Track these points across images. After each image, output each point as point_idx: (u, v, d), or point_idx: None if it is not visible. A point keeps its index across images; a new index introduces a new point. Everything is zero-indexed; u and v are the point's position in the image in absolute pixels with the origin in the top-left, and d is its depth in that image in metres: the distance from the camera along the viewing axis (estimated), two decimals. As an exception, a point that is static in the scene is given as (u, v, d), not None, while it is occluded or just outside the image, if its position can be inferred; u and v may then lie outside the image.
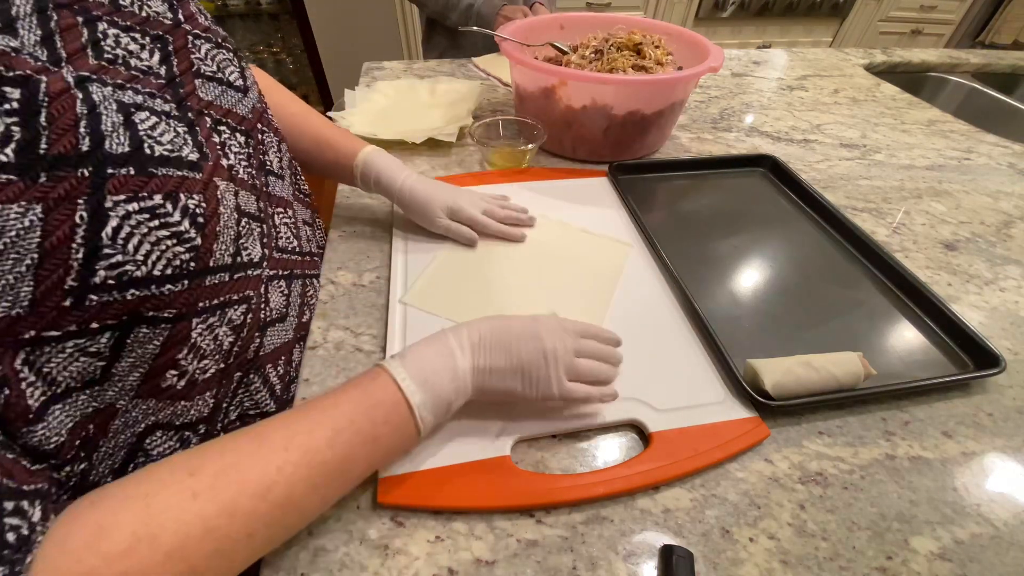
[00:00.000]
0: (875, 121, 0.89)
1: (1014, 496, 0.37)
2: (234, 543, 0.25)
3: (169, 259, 0.27)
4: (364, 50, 1.93)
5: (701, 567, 0.32)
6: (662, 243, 0.54)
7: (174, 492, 0.24)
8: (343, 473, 0.30)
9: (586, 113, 0.66)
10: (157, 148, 0.27)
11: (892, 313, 0.51)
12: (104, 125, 0.25)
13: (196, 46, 0.34)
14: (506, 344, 0.35)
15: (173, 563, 0.23)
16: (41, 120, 0.22)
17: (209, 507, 0.25)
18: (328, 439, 0.29)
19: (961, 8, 2.26)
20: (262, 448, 0.27)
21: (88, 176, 0.24)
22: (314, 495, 0.29)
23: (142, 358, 0.28)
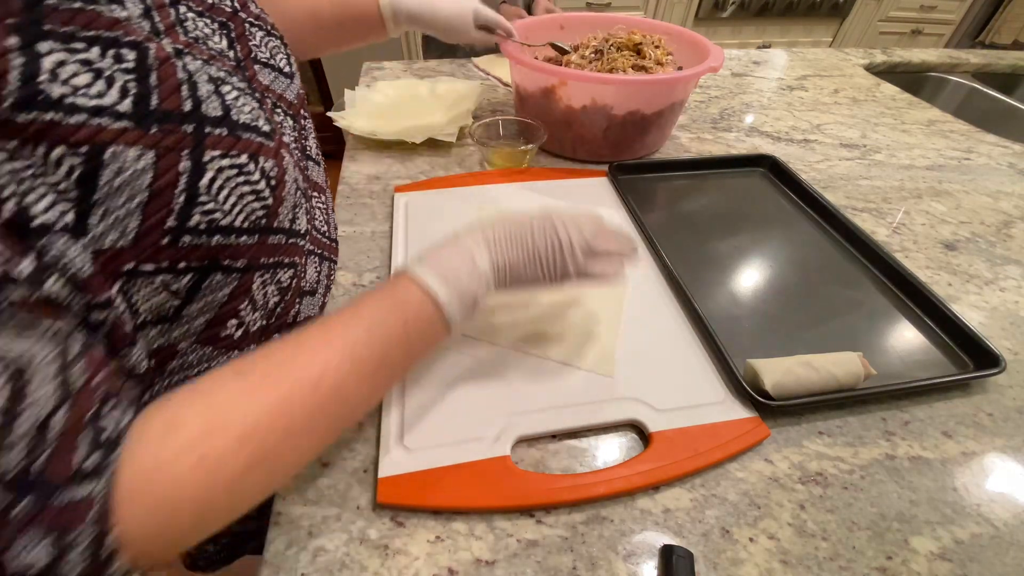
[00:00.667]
0: (875, 121, 0.89)
1: (1014, 496, 0.37)
2: (298, 430, 0.27)
3: (247, 213, 0.30)
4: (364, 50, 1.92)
5: (701, 567, 0.32)
6: (662, 243, 0.54)
7: (232, 390, 0.27)
8: (384, 367, 0.31)
9: (586, 113, 0.66)
10: (241, 116, 0.30)
11: (892, 313, 0.51)
12: (200, 91, 0.28)
13: (252, 33, 0.37)
14: (522, 239, 0.36)
15: (245, 446, 0.25)
16: (152, 80, 0.26)
17: (268, 398, 0.27)
18: (365, 338, 0.30)
19: (961, 8, 2.26)
20: (303, 349, 0.29)
21: (191, 132, 0.27)
22: (362, 387, 0.30)
23: (211, 304, 0.31)
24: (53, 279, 0.22)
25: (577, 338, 0.45)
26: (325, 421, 0.29)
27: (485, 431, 0.38)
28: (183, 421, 0.25)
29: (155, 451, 0.24)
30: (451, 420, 0.39)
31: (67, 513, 0.20)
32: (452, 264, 0.34)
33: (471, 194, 0.63)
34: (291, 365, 0.28)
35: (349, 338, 0.30)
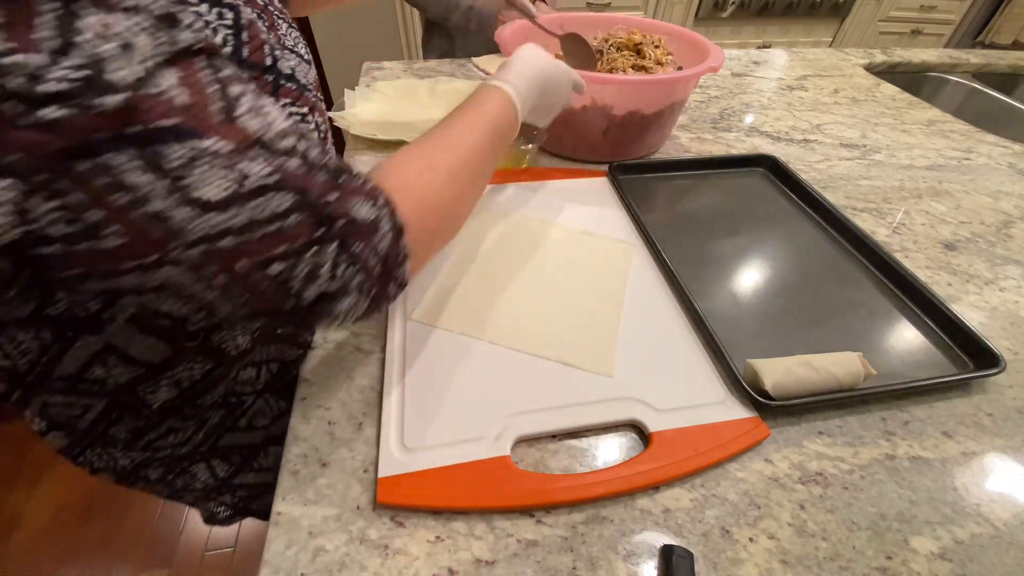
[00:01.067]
0: (875, 121, 0.89)
1: (1014, 496, 0.37)
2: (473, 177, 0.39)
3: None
4: (364, 50, 1.92)
5: (701, 567, 0.32)
6: (662, 243, 0.54)
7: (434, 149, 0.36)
8: (494, 149, 0.41)
9: (586, 113, 0.66)
10: (301, 77, 0.36)
11: (892, 313, 0.51)
12: (275, 52, 0.33)
13: (279, 24, 0.40)
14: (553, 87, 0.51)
15: (454, 183, 0.36)
16: (243, 37, 0.30)
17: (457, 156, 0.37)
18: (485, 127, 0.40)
19: (961, 8, 2.26)
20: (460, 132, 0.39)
21: (271, 82, 0.32)
22: (491, 160, 0.41)
23: None
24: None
25: (577, 338, 0.45)
26: (481, 179, 0.41)
27: (485, 431, 0.38)
28: (410, 162, 0.35)
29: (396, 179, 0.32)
30: (451, 420, 0.39)
31: (372, 191, 0.29)
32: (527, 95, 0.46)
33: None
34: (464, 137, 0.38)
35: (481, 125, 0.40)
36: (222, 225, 0.23)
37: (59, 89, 0.18)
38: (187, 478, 0.47)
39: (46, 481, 1.28)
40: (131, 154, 0.20)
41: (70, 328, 0.32)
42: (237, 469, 0.49)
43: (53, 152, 0.19)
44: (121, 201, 0.21)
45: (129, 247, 0.22)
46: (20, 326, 0.30)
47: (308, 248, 0.26)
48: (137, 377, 0.36)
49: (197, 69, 0.22)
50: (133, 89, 0.19)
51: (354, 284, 0.28)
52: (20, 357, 0.32)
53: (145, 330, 0.34)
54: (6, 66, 0.18)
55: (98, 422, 0.39)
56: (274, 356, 0.44)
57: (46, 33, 0.18)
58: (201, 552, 1.17)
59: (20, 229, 0.21)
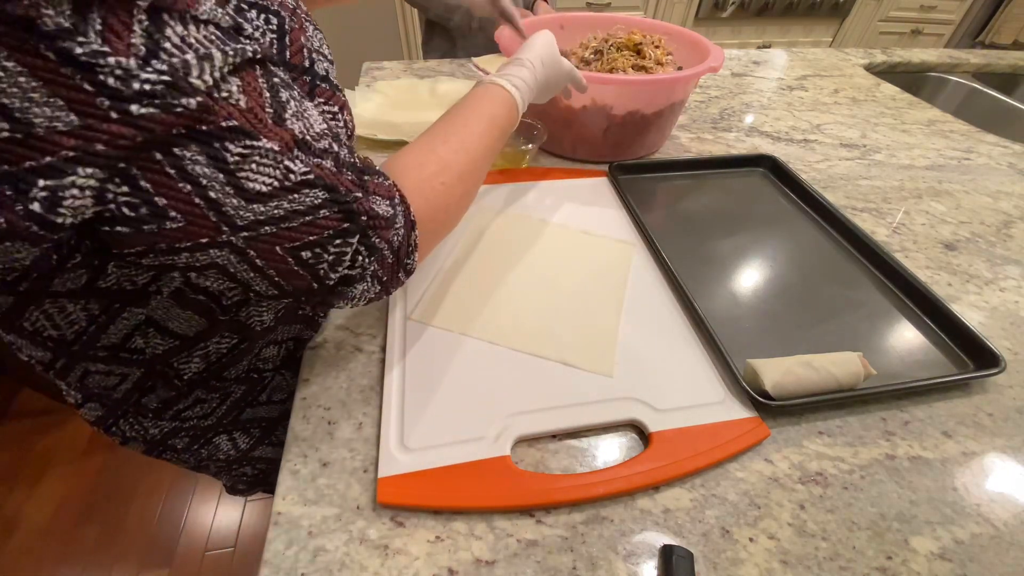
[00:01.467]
0: (875, 121, 0.89)
1: (1014, 496, 0.37)
2: (478, 178, 0.42)
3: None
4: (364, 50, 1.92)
5: (701, 567, 0.32)
6: (662, 243, 0.54)
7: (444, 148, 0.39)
8: (496, 143, 0.44)
9: (586, 113, 0.66)
10: (332, 79, 0.38)
11: (892, 313, 0.51)
12: (313, 55, 0.35)
13: (306, 27, 0.43)
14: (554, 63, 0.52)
15: (462, 183, 0.40)
16: (286, 40, 0.33)
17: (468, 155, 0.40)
18: (490, 121, 0.43)
19: (961, 8, 2.26)
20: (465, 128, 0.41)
21: (308, 82, 0.34)
22: (492, 156, 0.44)
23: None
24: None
25: (577, 338, 0.45)
26: (482, 175, 0.43)
27: (485, 431, 0.38)
28: (423, 164, 0.38)
29: (412, 177, 0.36)
30: (451, 420, 0.39)
31: (390, 189, 0.33)
32: (525, 80, 0.47)
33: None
34: (471, 138, 0.41)
35: (488, 129, 0.43)
36: (266, 214, 0.26)
37: (147, 89, 0.21)
38: (211, 448, 0.51)
39: (46, 481, 1.28)
40: (198, 149, 0.23)
41: (117, 300, 0.34)
42: (257, 442, 0.52)
43: (136, 143, 0.22)
44: (185, 189, 0.24)
45: (186, 230, 0.25)
46: (71, 297, 0.33)
47: (336, 238, 0.30)
48: (172, 348, 0.39)
49: (255, 76, 0.25)
50: (208, 93, 0.22)
51: (371, 271, 0.33)
52: (69, 327, 0.35)
53: (184, 304, 0.37)
54: (103, 66, 0.20)
55: (132, 392, 0.42)
56: (293, 335, 0.47)
57: (136, 40, 0.21)
58: (201, 552, 1.17)
59: (95, 209, 0.23)
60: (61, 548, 1.16)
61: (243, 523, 1.22)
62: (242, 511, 1.25)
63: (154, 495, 1.26)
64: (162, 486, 1.27)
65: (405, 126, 0.75)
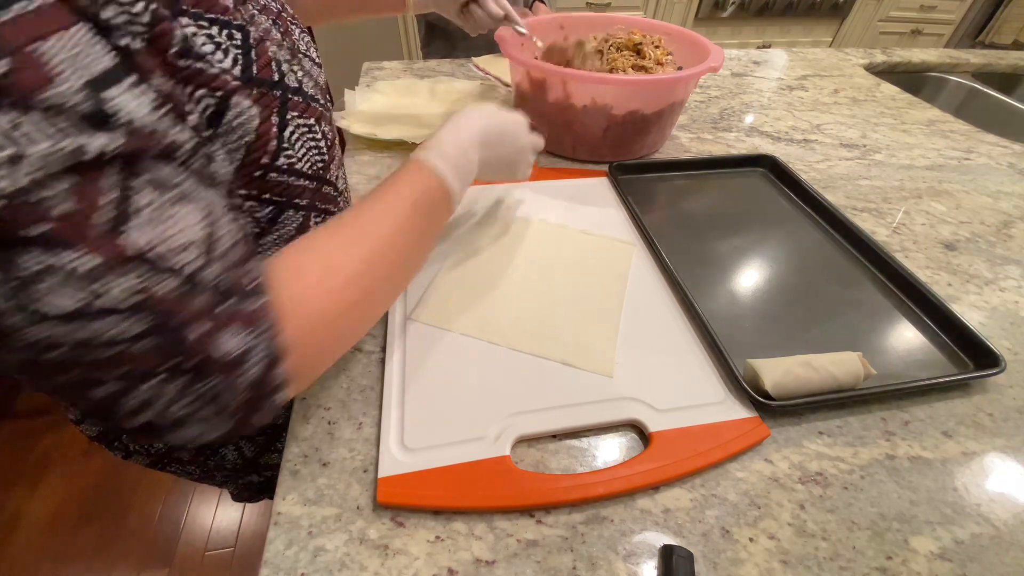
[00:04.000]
0: (875, 121, 0.89)
1: (1014, 496, 0.37)
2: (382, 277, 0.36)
3: (312, 162, 0.39)
4: (364, 50, 1.92)
5: (701, 567, 0.32)
6: (662, 243, 0.54)
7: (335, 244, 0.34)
8: (421, 238, 0.40)
9: (586, 113, 0.66)
10: (308, 89, 0.38)
11: (892, 313, 0.51)
12: (283, 67, 0.35)
13: (292, 30, 0.43)
14: (500, 138, 0.46)
15: (352, 288, 0.33)
16: (252, 55, 0.33)
17: (363, 250, 0.34)
18: (408, 213, 0.37)
19: (961, 8, 2.26)
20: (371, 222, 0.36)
21: (278, 96, 0.34)
22: (413, 251, 0.39)
23: (282, 237, 0.40)
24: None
25: (577, 338, 0.45)
26: (398, 272, 0.38)
27: (485, 431, 0.38)
28: (306, 268, 0.31)
29: (291, 288, 0.30)
30: (451, 420, 0.39)
31: (255, 315, 0.27)
32: (460, 163, 0.42)
33: (470, 194, 0.63)
34: (372, 228, 0.35)
35: (400, 214, 0.37)
36: (55, 339, 0.22)
37: None
38: (217, 459, 0.50)
39: (46, 481, 1.28)
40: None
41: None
42: (262, 449, 0.52)
43: None
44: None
45: None
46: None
47: (151, 377, 0.24)
48: None
49: (101, 175, 0.22)
50: (8, 199, 0.20)
51: (199, 416, 0.26)
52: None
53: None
54: None
55: None
56: None
57: None
58: (201, 552, 1.17)
59: None
60: (61, 548, 1.16)
61: (243, 523, 1.22)
62: (242, 511, 1.25)
63: (154, 495, 1.26)
64: (162, 486, 1.27)
65: (405, 126, 0.75)
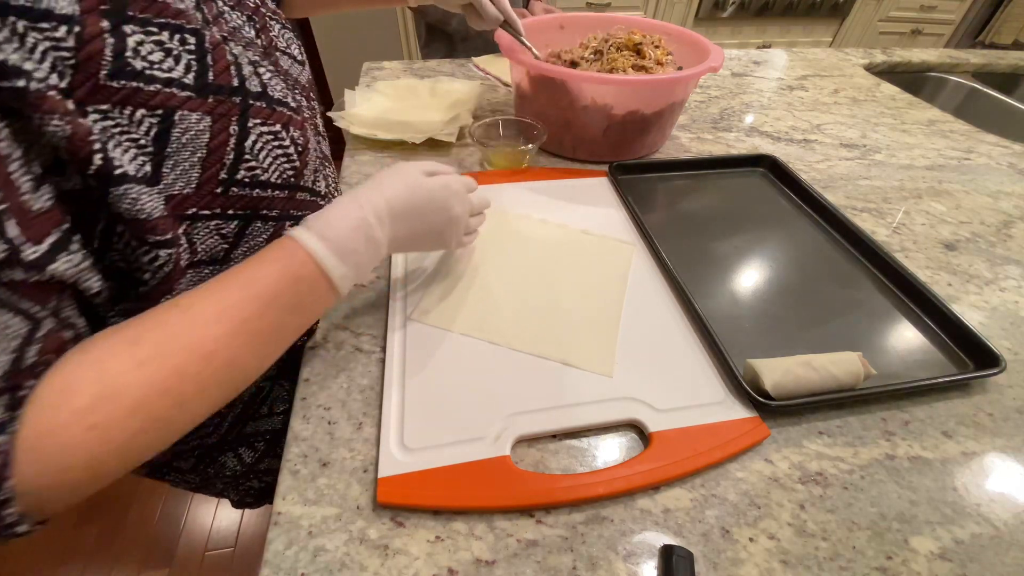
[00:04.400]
0: (875, 121, 0.89)
1: (1014, 496, 0.37)
2: (189, 398, 0.28)
3: (281, 171, 0.37)
4: (364, 50, 1.92)
5: (701, 567, 0.32)
6: (662, 243, 0.54)
7: (122, 360, 0.26)
8: (277, 337, 0.33)
9: (586, 113, 0.66)
10: (275, 93, 0.36)
11: (892, 313, 0.51)
12: (244, 71, 0.33)
13: (271, 26, 0.42)
14: (420, 211, 0.39)
15: (136, 417, 0.26)
16: (208, 60, 0.31)
17: (161, 372, 0.27)
18: (259, 311, 0.31)
19: (961, 8, 2.26)
20: (196, 322, 0.29)
21: (238, 103, 0.33)
22: (254, 357, 0.32)
23: (252, 249, 0.38)
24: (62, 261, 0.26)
25: (577, 338, 0.45)
26: (217, 390, 0.30)
27: (485, 431, 0.38)
28: (77, 388, 0.25)
29: (49, 416, 0.24)
30: (451, 420, 0.39)
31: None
32: (351, 242, 0.35)
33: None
34: (185, 339, 0.28)
35: (244, 313, 0.30)
36: None
37: None
38: (217, 467, 0.50)
39: (46, 481, 1.27)
40: None
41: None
42: (262, 454, 0.51)
43: None
44: None
45: None
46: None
47: None
48: None
49: None
50: None
51: None
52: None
53: None
54: None
55: None
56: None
57: None
58: (201, 552, 1.17)
59: None
60: (61, 548, 1.16)
61: (243, 523, 1.22)
62: (242, 511, 1.25)
63: (154, 495, 1.26)
64: (162, 486, 1.27)
65: (405, 125, 0.75)
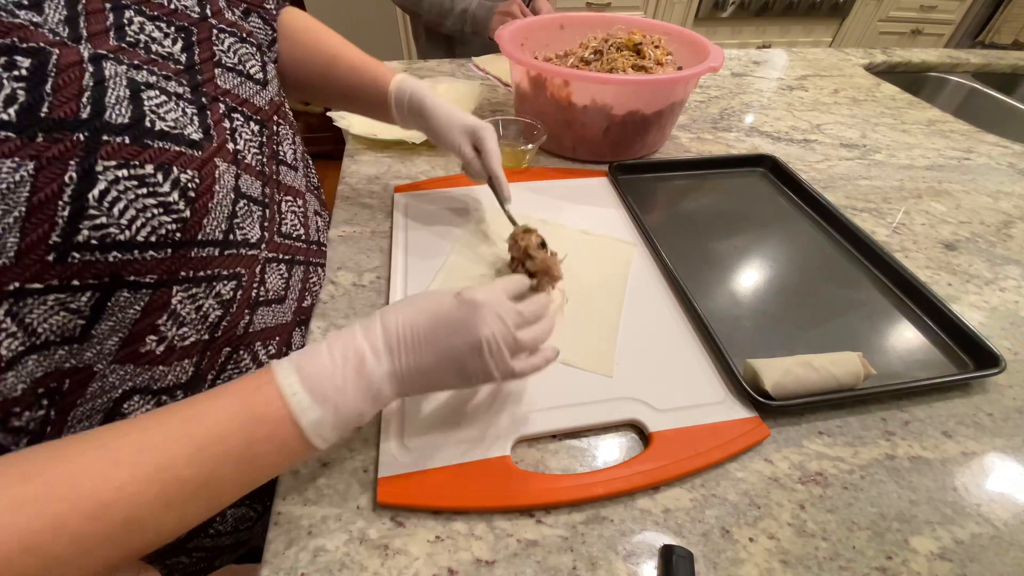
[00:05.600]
0: (875, 121, 0.89)
1: (1014, 496, 0.37)
2: (63, 562, 0.22)
3: (154, 227, 0.28)
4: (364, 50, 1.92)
5: (701, 567, 0.32)
6: (662, 243, 0.54)
7: (11, 496, 0.22)
8: (207, 492, 0.26)
9: (586, 113, 0.66)
10: (159, 123, 0.28)
11: (892, 313, 0.51)
12: (108, 97, 0.26)
13: (219, 39, 0.37)
14: (433, 337, 0.31)
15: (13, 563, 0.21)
16: (47, 87, 0.24)
17: (34, 522, 0.22)
18: (188, 456, 0.25)
19: (961, 8, 2.26)
20: (104, 460, 0.24)
21: (83, 140, 0.25)
22: (168, 514, 0.25)
23: (122, 323, 0.29)
24: None
25: (577, 338, 0.45)
26: (109, 550, 0.24)
27: (485, 431, 0.38)
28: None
29: None
30: (451, 420, 0.39)
31: None
32: (335, 380, 0.29)
33: (471, 194, 0.63)
34: (77, 481, 0.23)
35: (166, 459, 0.25)
36: None
37: None
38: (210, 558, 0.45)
39: (46, 481, 1.27)
40: None
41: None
42: (191, 535, 0.43)
43: None
44: None
45: None
46: None
47: None
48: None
49: None
50: None
51: None
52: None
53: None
54: None
55: None
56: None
57: None
58: (201, 552, 1.16)
59: None
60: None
61: (243, 523, 1.22)
62: (242, 511, 1.24)
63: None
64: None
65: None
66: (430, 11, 1.05)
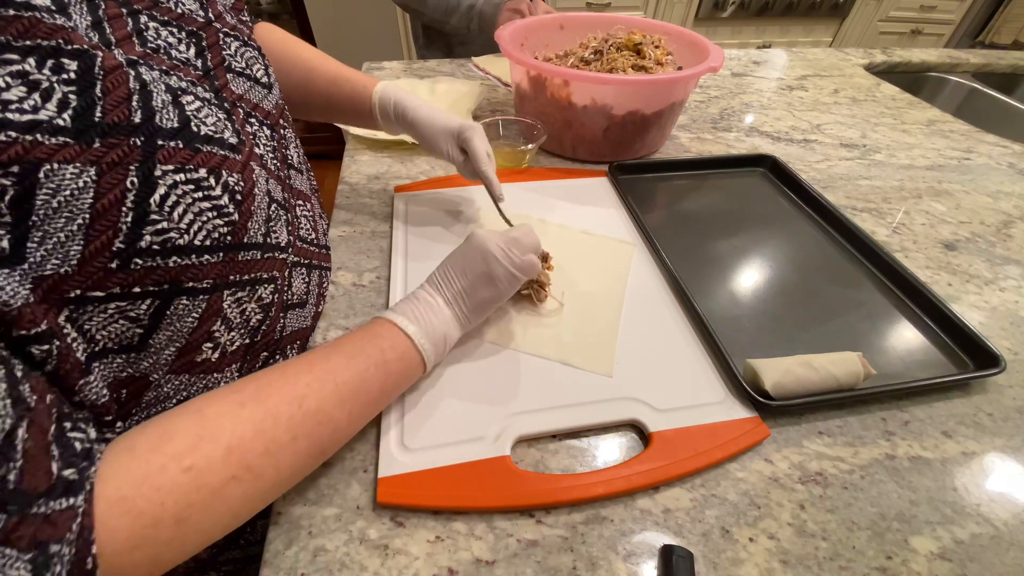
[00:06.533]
0: (875, 121, 0.89)
1: (1014, 496, 0.37)
2: (280, 445, 0.29)
3: (209, 230, 0.29)
4: (364, 50, 1.92)
5: (701, 567, 0.32)
6: (662, 243, 0.54)
7: (223, 403, 0.28)
8: (362, 392, 0.34)
9: (586, 113, 0.66)
10: (203, 128, 0.29)
11: (892, 313, 0.51)
12: (155, 101, 0.26)
13: (226, 43, 0.37)
14: (462, 271, 0.40)
15: (231, 459, 0.27)
16: (96, 91, 0.24)
17: (257, 412, 0.28)
18: (344, 363, 0.33)
19: (961, 8, 2.26)
20: (287, 373, 0.31)
21: (140, 145, 0.25)
22: (341, 409, 0.32)
23: (179, 332, 0.30)
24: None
25: (577, 338, 0.45)
26: (306, 440, 0.30)
27: (485, 431, 0.38)
28: (177, 431, 0.26)
29: (145, 461, 0.24)
30: (451, 420, 0.39)
31: (48, 527, 0.20)
32: (417, 309, 0.38)
33: (471, 194, 0.63)
34: (275, 385, 0.30)
35: (329, 364, 0.33)
36: None
37: None
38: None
39: (46, 481, 1.27)
40: None
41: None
42: (222, 548, 0.44)
43: None
44: None
45: None
46: None
47: None
48: None
49: None
50: None
51: None
52: None
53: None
54: None
55: None
56: None
57: None
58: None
59: None
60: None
61: (243, 523, 1.22)
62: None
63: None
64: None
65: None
66: (435, 8, 1.04)
